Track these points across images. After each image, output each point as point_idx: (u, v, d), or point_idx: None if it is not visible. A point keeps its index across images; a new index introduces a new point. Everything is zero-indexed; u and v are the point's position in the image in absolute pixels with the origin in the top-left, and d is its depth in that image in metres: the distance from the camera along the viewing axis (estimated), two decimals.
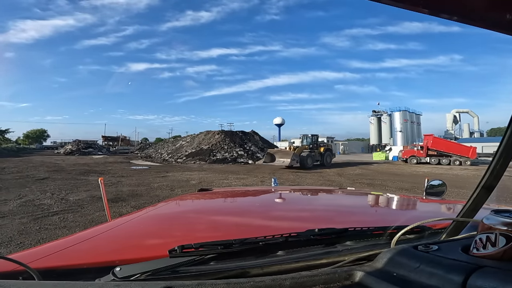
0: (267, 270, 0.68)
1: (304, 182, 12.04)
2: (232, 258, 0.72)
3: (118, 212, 5.75)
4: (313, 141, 21.09)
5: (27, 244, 3.88)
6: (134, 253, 0.86)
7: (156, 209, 1.54)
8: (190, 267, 0.67)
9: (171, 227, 1.20)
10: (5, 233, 4.31)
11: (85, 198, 7.42)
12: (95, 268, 0.71)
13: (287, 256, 0.75)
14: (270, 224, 1.25)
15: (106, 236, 1.03)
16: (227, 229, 1.18)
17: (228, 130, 33.33)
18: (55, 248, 0.87)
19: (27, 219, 5.16)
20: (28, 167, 16.27)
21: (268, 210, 1.59)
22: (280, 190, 2.32)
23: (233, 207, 1.72)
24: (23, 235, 4.26)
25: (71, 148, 35.70)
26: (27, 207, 6.24)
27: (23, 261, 0.63)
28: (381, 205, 1.85)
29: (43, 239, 4.09)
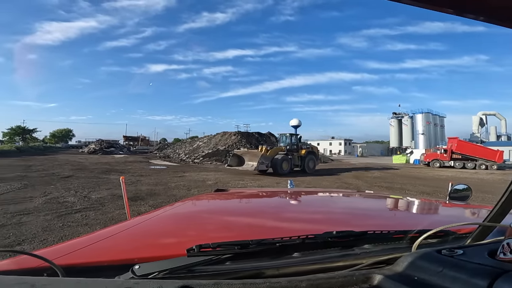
0: (283, 271, 0.67)
1: (319, 184, 11.85)
2: (248, 258, 0.73)
3: (136, 210, 5.88)
4: (293, 142, 17.33)
5: (50, 240, 4.03)
6: (152, 251, 0.87)
7: (173, 209, 1.57)
8: (207, 267, 0.68)
9: (187, 227, 1.21)
10: (29, 230, 4.49)
11: (106, 196, 7.66)
12: (115, 266, 0.72)
13: (303, 258, 0.74)
14: (285, 226, 1.24)
15: (125, 234, 1.05)
16: (242, 230, 1.18)
17: (244, 131, 33.51)
18: (78, 245, 0.89)
19: (51, 216, 5.38)
20: (53, 165, 17.05)
21: (283, 211, 1.58)
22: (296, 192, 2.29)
23: (249, 207, 1.73)
24: (46, 232, 4.43)
25: (94, 148, 37.11)
26: (51, 204, 6.51)
27: (47, 257, 0.66)
28: (401, 209, 1.80)
29: (66, 236, 4.23)
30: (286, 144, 17.35)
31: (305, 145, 18.34)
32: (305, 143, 19.11)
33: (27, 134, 50.11)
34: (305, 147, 17.79)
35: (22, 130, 49.95)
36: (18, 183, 9.35)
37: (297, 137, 17.95)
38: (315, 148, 19.23)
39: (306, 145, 18.33)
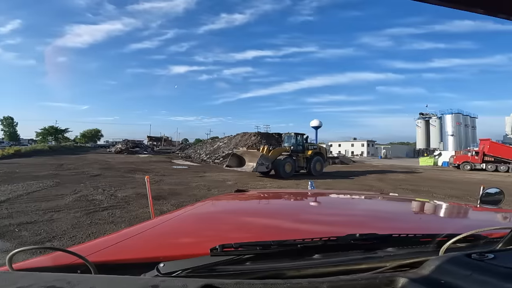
0: (304, 273, 0.67)
1: (340, 186, 11.59)
2: (268, 259, 0.73)
3: (159, 209, 6.04)
4: (298, 143, 16.05)
5: (79, 237, 4.24)
6: (175, 250, 0.90)
7: (194, 209, 1.60)
8: (228, 266, 0.69)
9: (208, 227, 1.23)
10: (60, 227, 4.73)
11: (131, 195, 7.94)
12: (140, 264, 0.75)
13: (324, 260, 0.73)
14: (305, 228, 1.24)
15: (150, 233, 1.09)
16: (262, 231, 1.18)
17: (264, 132, 33.61)
18: (107, 243, 0.93)
19: (80, 213, 5.66)
20: (83, 164, 17.95)
21: (303, 213, 1.57)
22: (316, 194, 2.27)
23: (268, 208, 1.74)
24: (76, 229, 4.65)
25: (121, 147, 38.62)
26: (81, 202, 6.85)
27: (80, 254, 0.68)
28: (428, 212, 1.73)
29: (93, 234, 4.43)
30: (290, 144, 16.09)
31: (311, 145, 17.14)
32: (312, 144, 17.96)
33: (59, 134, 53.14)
34: (312, 148, 16.55)
35: (55, 130, 53.05)
36: (50, 181, 9.93)
37: (303, 137, 16.65)
38: (323, 148, 18.07)
39: (313, 146, 17.23)
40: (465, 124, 53.58)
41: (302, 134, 16.67)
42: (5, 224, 4.63)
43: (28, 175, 11.22)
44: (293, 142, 16.08)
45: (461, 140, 50.71)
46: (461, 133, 52.13)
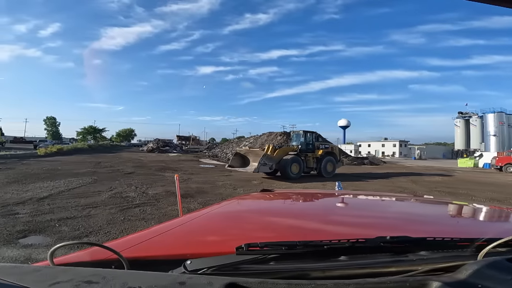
0: (329, 274, 0.67)
1: (369, 188, 11.16)
2: (293, 259, 0.73)
3: (187, 207, 6.23)
4: (307, 141, 14.79)
5: (113, 233, 4.50)
6: (201, 248, 0.93)
7: (220, 208, 1.62)
8: (252, 265, 0.70)
9: (233, 225, 1.26)
10: (96, 222, 5.04)
11: (161, 192, 8.27)
12: (168, 260, 0.77)
13: (351, 262, 0.72)
14: (331, 229, 1.22)
15: (178, 231, 1.12)
16: (286, 231, 1.18)
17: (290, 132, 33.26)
18: (138, 239, 0.98)
19: (114, 210, 6.00)
20: (118, 162, 19.00)
21: (329, 214, 1.54)
22: (343, 194, 2.22)
23: (294, 209, 1.73)
24: (110, 225, 4.94)
25: (152, 146, 40.34)
26: (115, 198, 7.26)
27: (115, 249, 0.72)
28: (466, 216, 1.64)
29: (126, 230, 4.68)
30: (298, 143, 14.85)
31: (323, 144, 15.87)
32: (324, 142, 16.72)
33: (97, 133, 56.72)
34: (323, 147, 15.20)
35: (93, 129, 56.71)
36: (89, 178, 10.63)
37: (313, 135, 15.47)
38: (336, 148, 16.52)
39: (325, 145, 15.88)
40: (508, 124, 49.89)
41: (312, 132, 15.50)
42: (47, 219, 5.03)
43: (69, 172, 12.12)
44: (301, 140, 14.82)
45: (504, 140, 47.34)
46: (504, 133, 48.62)
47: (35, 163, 16.04)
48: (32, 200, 6.54)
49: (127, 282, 0.53)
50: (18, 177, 10.25)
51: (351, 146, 61.94)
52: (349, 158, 30.17)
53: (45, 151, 23.75)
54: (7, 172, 11.64)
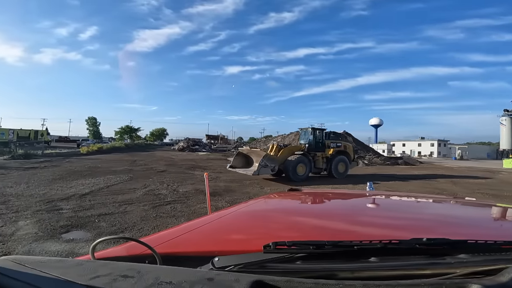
0: (358, 275, 0.65)
1: (403, 189, 10.60)
2: (320, 259, 0.72)
3: (215, 205, 6.38)
4: (317, 139, 13.49)
5: (146, 229, 4.73)
6: (228, 245, 0.95)
7: (248, 206, 1.63)
8: (279, 264, 0.70)
9: (260, 224, 1.27)
10: (131, 219, 5.34)
11: (190, 190, 8.56)
12: (197, 257, 0.80)
13: (382, 263, 0.69)
14: (360, 230, 1.18)
15: (207, 228, 1.15)
16: (313, 231, 1.17)
17: None
18: (169, 235, 1.02)
19: (148, 207, 6.31)
20: (152, 160, 19.91)
21: (359, 214, 1.49)
22: (375, 195, 2.13)
23: (321, 209, 1.70)
24: (143, 221, 5.20)
25: (183, 145, 41.68)
26: (149, 196, 7.63)
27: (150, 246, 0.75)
28: (510, 219, 1.53)
29: (157, 226, 4.90)
30: (306, 141, 13.53)
31: (335, 142, 14.37)
32: (335, 141, 15.14)
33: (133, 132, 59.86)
34: (335, 145, 13.91)
35: (130, 129, 59.94)
36: (125, 175, 11.28)
37: (323, 132, 13.97)
38: (349, 146, 14.97)
39: (337, 143, 14.43)
40: None
41: (322, 129, 14.09)
42: (88, 215, 5.41)
43: (108, 170, 12.94)
44: (309, 138, 13.51)
45: None
46: None
47: (77, 161, 17.35)
48: (75, 196, 7.09)
49: (159, 277, 0.55)
50: (63, 174, 11.16)
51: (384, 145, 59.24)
52: (381, 158, 28.91)
53: (87, 149, 25.57)
54: (53, 169, 12.72)
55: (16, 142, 29.07)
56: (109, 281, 0.53)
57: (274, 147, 12.87)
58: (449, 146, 62.24)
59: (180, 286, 0.52)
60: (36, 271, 0.56)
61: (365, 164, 24.61)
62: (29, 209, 5.60)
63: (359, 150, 29.50)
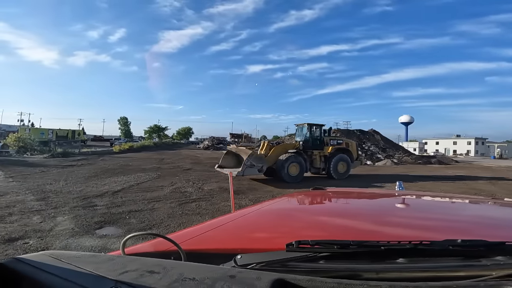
0: (383, 276, 0.63)
1: (437, 189, 10.03)
2: (345, 259, 0.71)
3: (238, 203, 6.46)
4: (314, 136, 12.46)
5: (172, 226, 4.90)
6: (251, 243, 0.96)
7: (270, 205, 1.64)
8: (301, 263, 0.70)
9: (282, 223, 1.27)
10: (158, 216, 5.55)
11: (215, 188, 8.73)
12: (220, 254, 0.82)
13: (411, 265, 0.67)
14: (389, 231, 1.14)
15: (230, 226, 1.17)
16: (337, 230, 1.15)
17: (345, 129, 31.95)
18: (194, 232, 1.05)
19: (174, 204, 6.53)
20: (178, 159, 20.53)
21: (387, 215, 1.44)
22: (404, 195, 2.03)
23: (346, 208, 1.66)
24: (170, 218, 5.39)
25: (208, 144, 42.54)
26: (175, 193, 7.89)
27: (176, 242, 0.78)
28: None
29: (183, 223, 5.06)
30: (302, 138, 12.48)
31: (335, 139, 13.16)
32: (336, 137, 13.92)
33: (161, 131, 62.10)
34: (335, 143, 12.71)
35: (158, 128, 62.24)
36: (154, 173, 11.74)
37: (321, 129, 12.85)
38: (352, 144, 13.53)
39: (337, 140, 13.20)
40: None
41: (320, 125, 12.92)
42: (119, 212, 5.70)
43: (138, 168, 13.55)
44: (305, 135, 12.43)
45: None
46: None
47: (110, 159, 18.32)
48: (108, 193, 7.50)
49: (183, 273, 0.56)
50: (97, 172, 11.85)
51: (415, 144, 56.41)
52: (412, 157, 27.58)
53: (119, 148, 26.91)
54: (88, 167, 13.54)
55: (55, 141, 31.21)
56: (137, 276, 0.55)
57: (265, 145, 12.01)
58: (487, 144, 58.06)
59: (203, 282, 0.53)
60: (71, 266, 0.60)
61: (394, 163, 23.63)
62: (67, 205, 6.01)
63: (388, 149, 28.35)
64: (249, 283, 0.53)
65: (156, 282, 0.52)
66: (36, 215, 5.19)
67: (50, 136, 38.64)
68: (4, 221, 4.75)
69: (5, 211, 5.28)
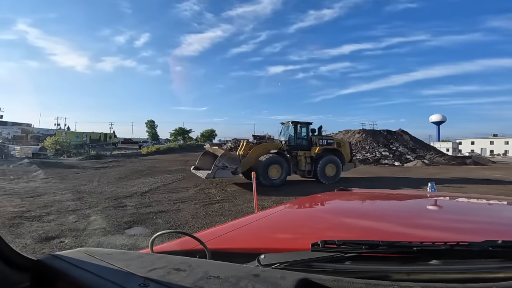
0: (415, 277, 0.61)
1: (471, 190, 9.41)
2: (372, 260, 0.69)
3: (261, 205, 6.47)
4: (300, 136, 11.41)
5: (196, 227, 5.02)
6: (274, 243, 0.97)
7: (294, 206, 1.64)
8: (326, 264, 0.69)
9: (306, 224, 1.26)
10: (183, 216, 5.71)
11: (237, 190, 8.85)
12: (243, 253, 0.83)
13: (445, 266, 0.64)
14: (420, 233, 1.08)
15: (253, 226, 1.19)
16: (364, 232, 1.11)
17: (370, 129, 30.87)
18: (218, 232, 1.08)
19: (198, 205, 6.69)
20: None
21: (416, 216, 1.38)
22: (436, 196, 1.94)
23: (372, 209, 1.61)
24: (194, 219, 5.53)
25: (230, 146, 42.90)
26: (199, 194, 8.08)
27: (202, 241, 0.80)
28: None
29: (207, 224, 5.17)
30: (288, 137, 11.35)
31: (325, 139, 11.87)
32: (326, 137, 12.48)
33: (185, 134, 63.74)
34: (325, 143, 11.47)
35: (182, 131, 63.97)
36: (179, 175, 12.07)
37: (308, 127, 11.70)
38: (344, 143, 12.34)
39: (327, 140, 11.88)
40: None
41: (307, 123, 11.74)
42: (147, 212, 5.93)
43: (164, 170, 14.02)
44: (290, 134, 11.36)
45: None
46: None
47: (139, 161, 19.12)
48: (136, 194, 7.84)
49: (208, 271, 0.57)
50: (127, 173, 12.42)
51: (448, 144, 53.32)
52: (444, 157, 26.10)
53: (147, 150, 27.99)
54: (119, 169, 14.24)
55: (89, 144, 33.12)
56: (164, 273, 0.56)
57: (243, 144, 10.80)
58: None
59: (227, 280, 0.53)
60: (104, 263, 0.62)
61: (425, 164, 22.50)
62: (99, 205, 6.37)
63: (418, 149, 27.05)
64: (273, 282, 0.53)
65: (182, 280, 0.54)
66: (72, 214, 5.54)
67: (84, 139, 40.98)
68: (42, 220, 5.11)
69: (43, 211, 5.69)
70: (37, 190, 8.02)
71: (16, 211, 5.52)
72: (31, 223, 4.86)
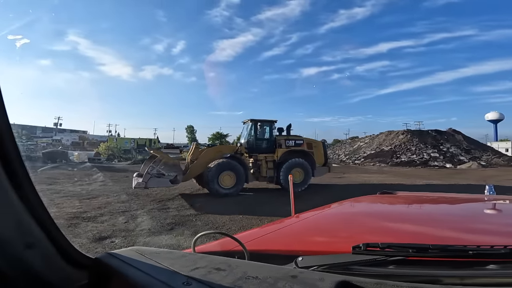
0: (469, 282, 0.58)
1: None
2: (418, 265, 0.66)
3: (298, 208, 6.40)
4: (259, 136, 9.81)
5: (233, 229, 5.15)
6: (311, 246, 0.97)
7: (332, 209, 1.62)
8: (367, 267, 0.67)
9: (344, 227, 1.24)
10: (221, 219, 5.87)
11: (274, 192, 8.87)
12: (281, 255, 0.84)
13: (504, 271, 0.61)
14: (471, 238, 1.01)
15: (291, 229, 1.21)
16: (407, 236, 1.06)
17: (416, 130, 28.87)
18: (257, 234, 1.11)
19: (236, 208, 6.83)
20: None
21: (470, 221, 1.28)
22: (496, 200, 1.77)
23: (417, 213, 1.52)
24: (231, 222, 5.68)
25: None
26: (236, 197, 8.28)
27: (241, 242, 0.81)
28: None
29: (243, 227, 5.29)
30: (248, 138, 9.84)
31: (292, 140, 10.05)
32: (295, 138, 10.28)
33: (222, 138, 65.55)
34: (292, 143, 9.87)
35: (220, 135, 65.92)
36: None
37: (272, 126, 10.08)
38: (317, 145, 10.57)
39: (296, 140, 10.07)
40: None
41: (270, 121, 10.15)
42: (187, 214, 6.23)
43: None
44: (250, 135, 9.81)
45: None
46: None
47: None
48: (178, 197, 8.26)
49: (247, 271, 0.58)
50: None
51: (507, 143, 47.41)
52: (503, 158, 23.42)
53: None
54: None
55: (136, 149, 35.62)
56: (205, 273, 0.58)
57: (193, 148, 9.66)
58: None
59: (265, 281, 0.53)
60: (152, 261, 0.64)
61: (481, 165, 20.40)
62: (145, 208, 6.83)
63: (473, 150, 24.65)
64: (311, 283, 0.52)
65: (222, 279, 0.55)
66: (122, 215, 6.00)
67: (132, 145, 44.18)
68: (96, 221, 5.58)
69: (97, 212, 6.22)
70: (93, 192, 8.84)
71: (75, 212, 6.11)
72: (86, 224, 5.34)
